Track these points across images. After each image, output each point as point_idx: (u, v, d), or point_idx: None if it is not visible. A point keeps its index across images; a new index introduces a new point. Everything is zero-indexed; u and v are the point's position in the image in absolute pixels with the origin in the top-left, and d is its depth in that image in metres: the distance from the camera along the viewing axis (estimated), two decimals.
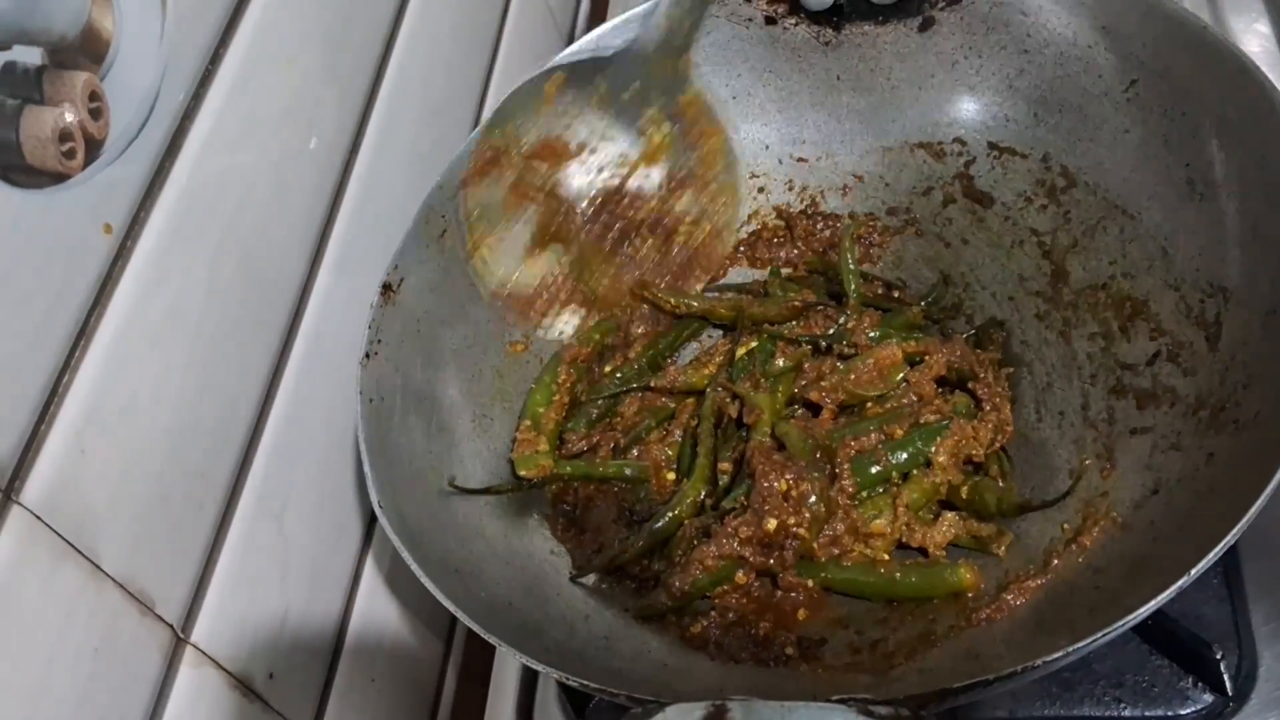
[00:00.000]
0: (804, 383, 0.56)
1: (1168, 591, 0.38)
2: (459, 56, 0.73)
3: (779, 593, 0.50)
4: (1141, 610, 0.38)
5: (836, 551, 0.50)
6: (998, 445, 0.53)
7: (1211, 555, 0.38)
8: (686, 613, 0.51)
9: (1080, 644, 0.38)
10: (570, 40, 0.97)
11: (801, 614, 0.49)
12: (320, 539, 0.55)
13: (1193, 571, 0.37)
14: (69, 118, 0.40)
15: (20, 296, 0.38)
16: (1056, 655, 0.37)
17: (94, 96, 0.41)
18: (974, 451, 0.52)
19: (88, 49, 0.41)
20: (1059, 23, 0.57)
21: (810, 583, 0.49)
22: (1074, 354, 0.55)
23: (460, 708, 0.68)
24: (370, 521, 0.60)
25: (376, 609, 0.60)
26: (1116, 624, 0.38)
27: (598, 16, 1.01)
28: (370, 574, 0.59)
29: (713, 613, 0.50)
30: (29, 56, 0.39)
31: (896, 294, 0.62)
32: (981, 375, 0.54)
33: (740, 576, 0.50)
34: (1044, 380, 0.56)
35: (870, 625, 0.49)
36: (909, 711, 0.31)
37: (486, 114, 0.60)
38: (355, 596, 0.58)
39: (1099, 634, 0.38)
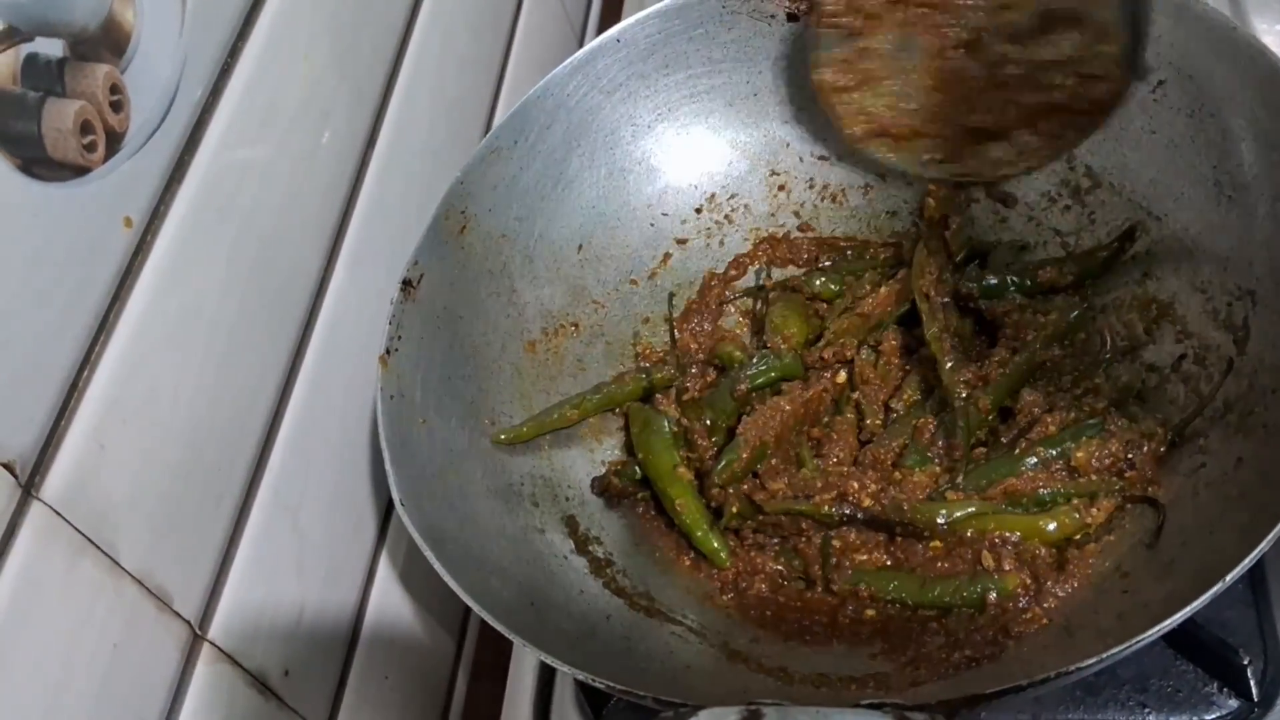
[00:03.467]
0: None
1: (1199, 601, 0.38)
2: (473, 51, 0.73)
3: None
4: (1172, 619, 0.38)
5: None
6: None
7: (1243, 565, 0.38)
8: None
9: (1113, 650, 0.37)
10: (583, 39, 0.97)
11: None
12: (336, 535, 0.55)
13: (1227, 579, 0.37)
14: (90, 110, 0.40)
15: (41, 290, 0.37)
16: (1090, 662, 0.37)
17: (115, 89, 0.41)
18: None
19: (109, 41, 0.41)
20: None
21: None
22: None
23: (472, 706, 0.67)
24: (385, 518, 0.60)
25: (391, 606, 0.59)
26: (1149, 631, 0.38)
27: (611, 12, 1.01)
28: (385, 571, 0.59)
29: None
30: (51, 48, 0.38)
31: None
32: None
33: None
34: (1068, 383, 0.55)
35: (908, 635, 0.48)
36: (942, 717, 0.30)
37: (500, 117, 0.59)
38: (370, 593, 0.58)
39: (1131, 641, 0.37)
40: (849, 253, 0.65)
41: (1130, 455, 0.49)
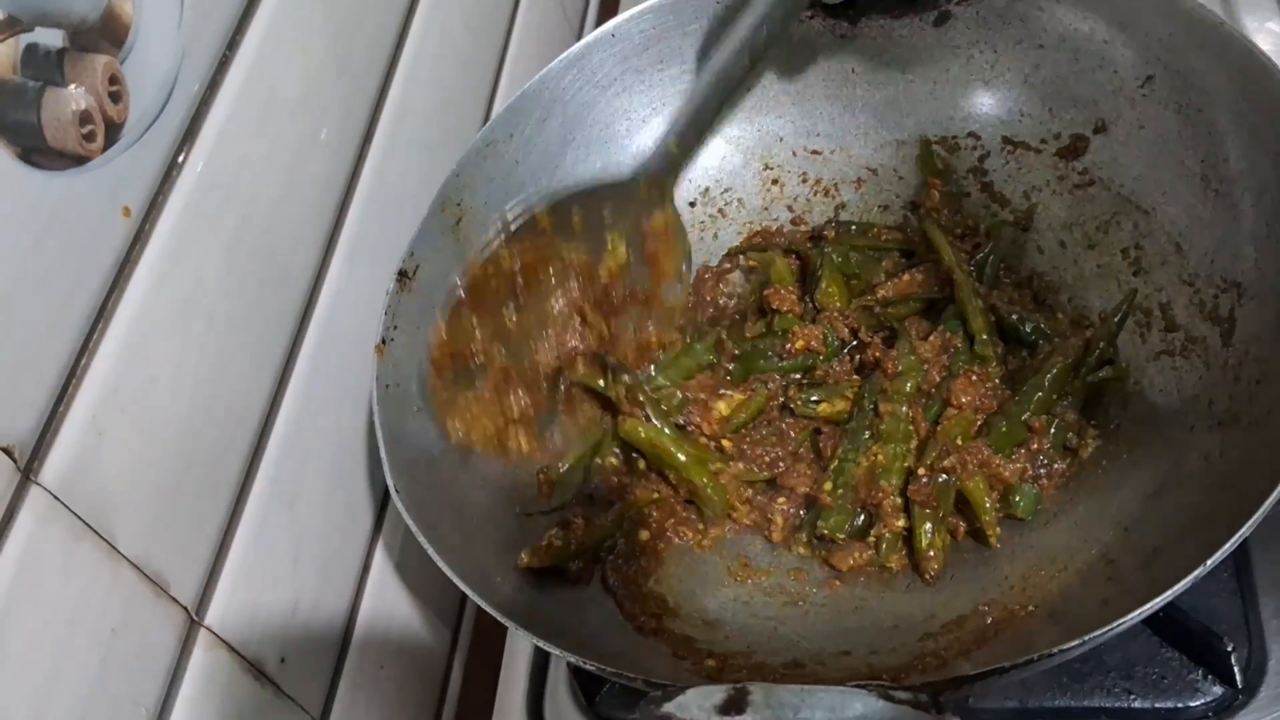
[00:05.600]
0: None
1: (1180, 584, 0.38)
2: (471, 47, 0.73)
3: None
4: (1154, 602, 0.38)
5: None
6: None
7: (1224, 549, 0.38)
8: None
9: (1093, 634, 0.38)
10: (580, 34, 0.97)
11: None
12: (332, 525, 0.55)
13: (1208, 563, 0.38)
14: (89, 100, 0.40)
15: (40, 278, 0.38)
16: (1072, 644, 0.37)
17: (114, 80, 0.41)
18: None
19: (108, 32, 0.41)
20: (1075, 18, 0.57)
21: None
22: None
23: (467, 695, 0.68)
24: (381, 508, 0.60)
25: (386, 596, 0.60)
26: (1129, 615, 0.38)
27: (608, 8, 1.01)
28: (380, 561, 0.60)
29: None
30: (50, 39, 0.39)
31: None
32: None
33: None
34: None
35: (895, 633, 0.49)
36: (927, 697, 0.31)
37: (488, 128, 0.61)
38: (365, 583, 0.58)
39: (1112, 625, 0.38)
40: (853, 228, 0.64)
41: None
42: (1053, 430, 0.52)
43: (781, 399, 0.59)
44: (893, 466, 0.52)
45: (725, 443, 0.57)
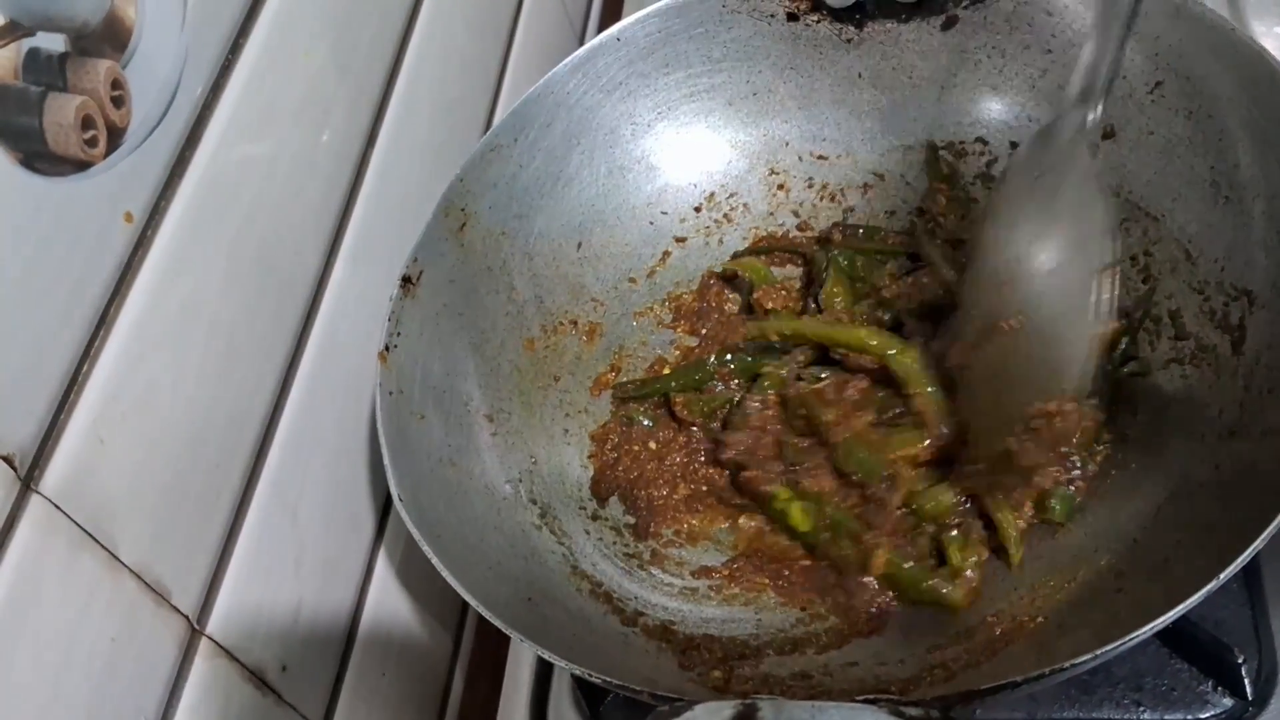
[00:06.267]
0: None
1: (1193, 598, 0.38)
2: (474, 50, 0.73)
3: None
4: (1167, 616, 0.38)
5: None
6: None
7: (1238, 562, 0.38)
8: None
9: (1106, 648, 0.37)
10: (583, 37, 0.97)
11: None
12: (334, 532, 0.55)
13: (1221, 576, 0.37)
14: (91, 105, 0.40)
15: (42, 284, 0.37)
16: (1083, 659, 0.37)
17: (116, 85, 0.41)
18: None
19: (110, 37, 0.41)
20: (1084, 23, 0.56)
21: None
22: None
23: (469, 703, 0.67)
24: (383, 516, 0.60)
25: (388, 603, 0.60)
26: (1142, 629, 0.38)
27: (611, 11, 1.01)
28: (382, 568, 0.59)
29: None
30: (52, 43, 0.38)
31: None
32: None
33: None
34: None
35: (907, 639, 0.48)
36: (938, 712, 0.30)
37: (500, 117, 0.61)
38: (367, 590, 0.58)
39: (1124, 639, 0.38)
40: (859, 232, 0.64)
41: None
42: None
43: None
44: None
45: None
